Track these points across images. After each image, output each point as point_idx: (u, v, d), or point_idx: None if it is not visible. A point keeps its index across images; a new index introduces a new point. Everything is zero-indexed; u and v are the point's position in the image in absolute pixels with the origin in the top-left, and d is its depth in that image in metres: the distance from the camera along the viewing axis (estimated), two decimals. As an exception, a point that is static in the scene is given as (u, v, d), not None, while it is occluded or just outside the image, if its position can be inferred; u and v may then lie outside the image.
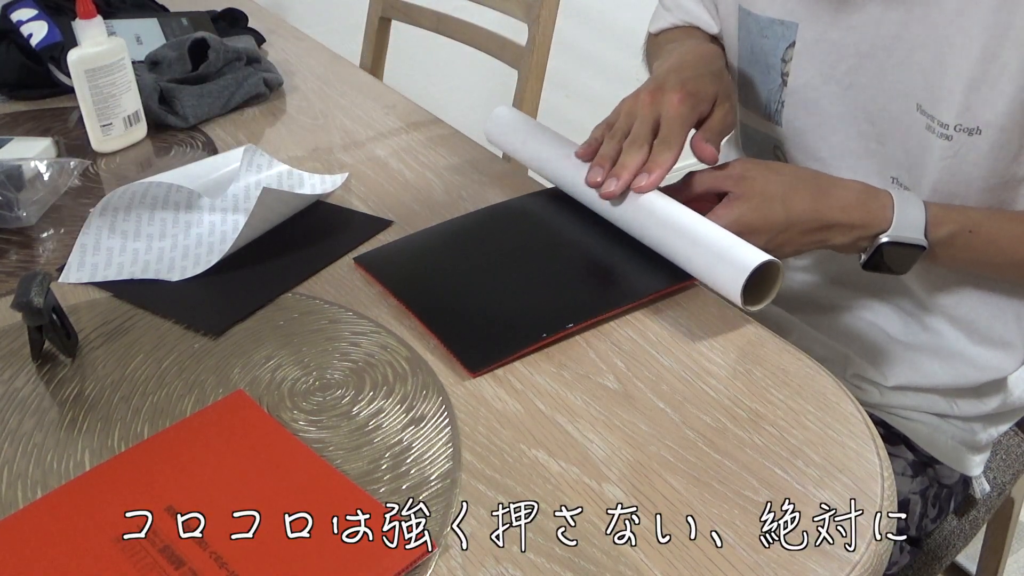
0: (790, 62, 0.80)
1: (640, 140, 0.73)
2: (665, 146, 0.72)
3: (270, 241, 0.78)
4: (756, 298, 0.66)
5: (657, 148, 0.73)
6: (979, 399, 0.84)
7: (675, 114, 0.73)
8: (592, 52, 2.06)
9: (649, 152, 0.72)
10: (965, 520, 0.94)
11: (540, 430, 0.59)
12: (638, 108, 0.75)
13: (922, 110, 0.73)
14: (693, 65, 0.79)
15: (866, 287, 0.85)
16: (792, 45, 0.79)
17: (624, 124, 0.75)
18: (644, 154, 0.72)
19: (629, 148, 0.73)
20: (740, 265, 0.64)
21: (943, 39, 0.69)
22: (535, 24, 1.31)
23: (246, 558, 0.49)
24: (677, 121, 0.73)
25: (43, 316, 0.63)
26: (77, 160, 0.88)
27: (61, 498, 0.54)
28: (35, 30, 1.09)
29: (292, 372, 0.64)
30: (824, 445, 0.57)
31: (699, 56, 0.82)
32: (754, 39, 0.83)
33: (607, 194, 0.73)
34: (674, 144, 0.73)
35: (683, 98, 0.74)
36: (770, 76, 0.82)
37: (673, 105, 0.73)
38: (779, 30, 0.80)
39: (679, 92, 0.74)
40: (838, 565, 0.49)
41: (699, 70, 0.79)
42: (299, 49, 1.25)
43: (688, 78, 0.76)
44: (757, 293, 0.66)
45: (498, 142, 0.87)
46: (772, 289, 0.66)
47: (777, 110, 0.83)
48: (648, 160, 0.72)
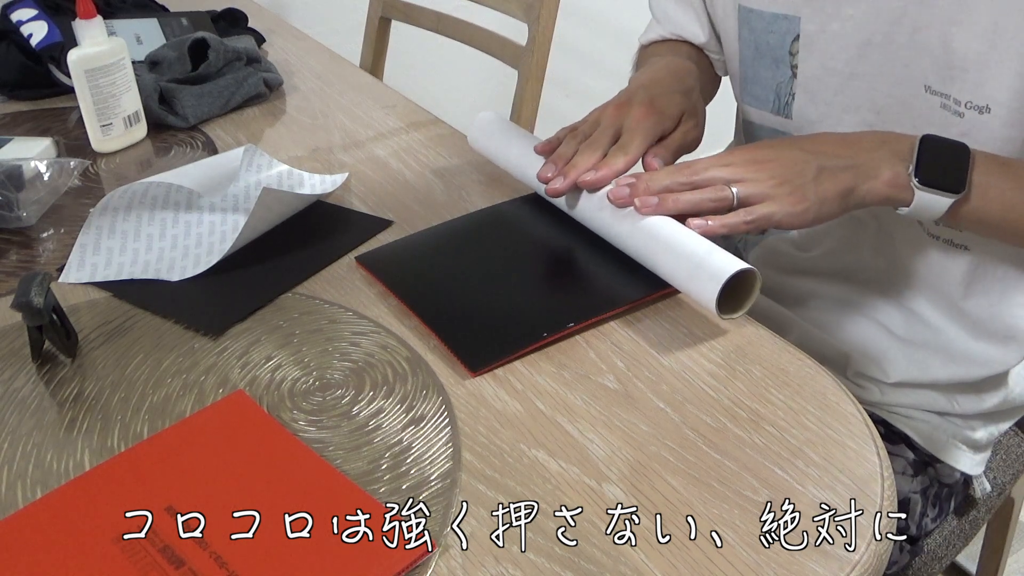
0: (797, 55, 0.80)
1: (597, 144, 0.74)
2: (621, 152, 0.74)
3: (270, 241, 0.78)
4: (733, 307, 0.65)
5: (612, 152, 0.74)
6: (979, 396, 0.84)
7: (637, 126, 0.75)
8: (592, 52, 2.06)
9: (603, 157, 0.74)
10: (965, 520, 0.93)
11: (540, 430, 0.59)
12: (603, 118, 0.76)
13: (932, 90, 0.73)
14: (664, 82, 0.81)
15: (866, 284, 0.85)
16: (797, 38, 0.80)
17: (586, 129, 0.77)
18: (597, 157, 0.73)
19: (584, 150, 0.74)
20: (715, 275, 0.63)
21: (947, 19, 0.70)
22: (535, 24, 1.31)
23: (246, 558, 0.49)
24: (638, 132, 0.74)
25: (43, 316, 0.63)
26: (77, 160, 0.88)
27: (61, 498, 0.54)
28: (35, 30, 1.09)
29: (292, 372, 0.64)
30: (824, 445, 0.57)
31: (671, 73, 0.84)
32: (759, 35, 0.83)
33: (551, 190, 0.74)
34: (630, 151, 0.73)
35: (648, 112, 0.75)
36: (779, 70, 0.83)
37: (637, 118, 0.75)
38: (783, 24, 0.80)
39: (645, 107, 0.76)
40: (838, 565, 0.49)
41: (669, 87, 0.80)
42: (299, 49, 1.25)
43: (657, 94, 0.78)
44: (734, 302, 0.65)
45: (480, 148, 0.87)
46: (749, 297, 0.65)
47: (787, 103, 0.83)
48: (600, 161, 0.73)
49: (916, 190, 0.68)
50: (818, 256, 0.86)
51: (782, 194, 0.67)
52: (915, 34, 0.72)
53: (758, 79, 0.86)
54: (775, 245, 0.89)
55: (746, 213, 0.67)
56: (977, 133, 0.71)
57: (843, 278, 0.86)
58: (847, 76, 0.77)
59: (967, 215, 0.70)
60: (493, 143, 0.85)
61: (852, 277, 0.86)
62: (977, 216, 0.70)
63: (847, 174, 0.68)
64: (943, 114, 0.73)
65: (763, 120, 0.87)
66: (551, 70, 1.33)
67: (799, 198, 0.67)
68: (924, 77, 0.73)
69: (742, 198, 0.68)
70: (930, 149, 0.68)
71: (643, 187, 0.70)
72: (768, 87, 0.85)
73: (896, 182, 0.68)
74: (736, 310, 0.65)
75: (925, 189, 0.68)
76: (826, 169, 0.68)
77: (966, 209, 0.69)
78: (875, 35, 0.74)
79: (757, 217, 0.67)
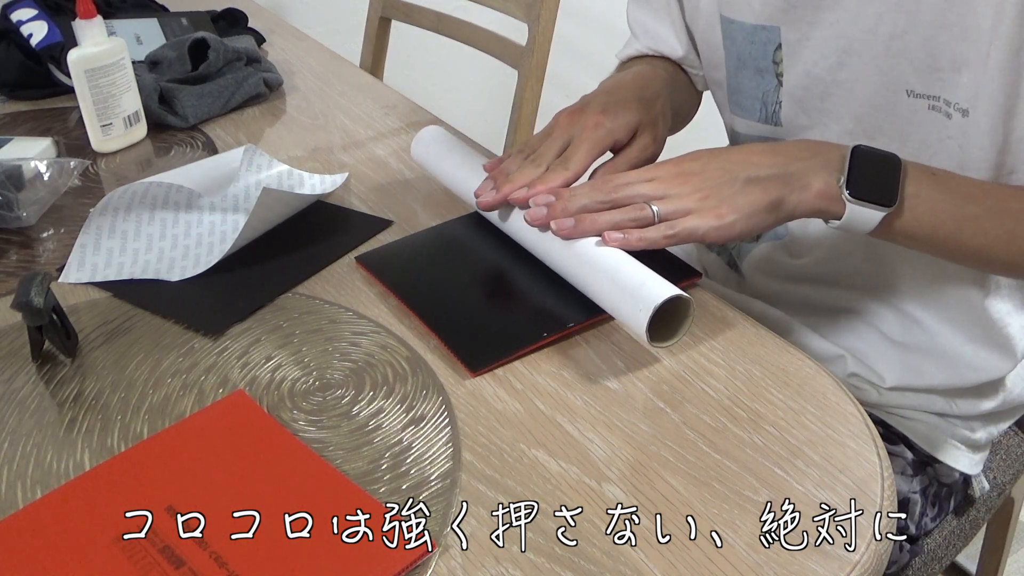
0: (781, 63, 0.80)
1: (540, 159, 0.73)
2: (561, 167, 0.72)
3: (270, 241, 0.78)
4: (666, 334, 0.64)
5: (552, 167, 0.72)
6: (978, 398, 0.84)
7: (585, 136, 0.73)
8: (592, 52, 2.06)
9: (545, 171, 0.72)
10: (965, 520, 0.93)
11: (540, 430, 0.59)
12: (555, 127, 0.75)
13: (915, 94, 0.72)
14: (625, 88, 0.79)
15: (861, 289, 0.85)
16: (780, 47, 0.79)
17: (536, 141, 0.75)
18: (537, 173, 0.72)
19: (525, 166, 0.73)
20: (645, 302, 0.61)
21: (928, 23, 0.69)
22: (535, 24, 1.31)
23: (246, 558, 0.49)
24: (584, 144, 0.73)
25: (43, 316, 0.63)
26: (77, 160, 0.88)
27: (61, 498, 0.54)
28: (35, 30, 1.09)
29: (292, 372, 0.64)
30: (824, 445, 0.57)
31: (635, 80, 0.82)
32: (740, 46, 0.82)
33: (480, 203, 0.73)
34: (571, 166, 0.72)
35: (599, 122, 0.73)
36: (765, 79, 0.82)
37: (587, 128, 0.73)
38: (763, 35, 0.80)
39: (597, 115, 0.74)
40: (838, 565, 0.49)
41: (628, 95, 0.78)
42: (299, 49, 1.25)
43: (611, 102, 0.76)
44: (666, 330, 0.63)
45: (420, 162, 0.85)
46: (683, 325, 0.63)
47: (775, 111, 0.83)
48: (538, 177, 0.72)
49: (847, 203, 0.66)
50: (811, 263, 0.86)
51: (706, 207, 0.66)
52: (892, 40, 0.71)
53: (742, 89, 0.85)
54: (768, 253, 0.89)
55: (667, 227, 0.66)
56: (961, 137, 0.71)
57: (837, 284, 0.86)
58: (830, 83, 0.77)
59: (899, 229, 0.68)
60: (432, 157, 0.83)
61: (845, 282, 0.85)
62: (909, 230, 0.68)
63: (775, 184, 0.67)
64: (932, 116, 0.72)
65: (750, 130, 0.87)
66: (551, 70, 1.33)
67: (724, 211, 0.66)
68: (905, 82, 0.72)
69: (663, 215, 0.66)
70: (861, 160, 0.66)
71: (560, 208, 0.68)
72: (754, 96, 0.84)
73: (827, 194, 0.66)
74: (670, 337, 0.64)
75: (856, 202, 0.66)
76: (753, 180, 0.67)
77: (898, 223, 0.67)
78: (854, 42, 0.74)
79: (679, 231, 0.65)
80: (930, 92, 0.71)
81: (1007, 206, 0.68)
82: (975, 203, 0.68)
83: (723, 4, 0.82)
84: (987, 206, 0.68)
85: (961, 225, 0.68)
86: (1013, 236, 0.68)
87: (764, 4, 0.78)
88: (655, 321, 0.61)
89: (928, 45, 0.70)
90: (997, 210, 0.68)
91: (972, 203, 0.68)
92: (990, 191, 0.69)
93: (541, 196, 0.70)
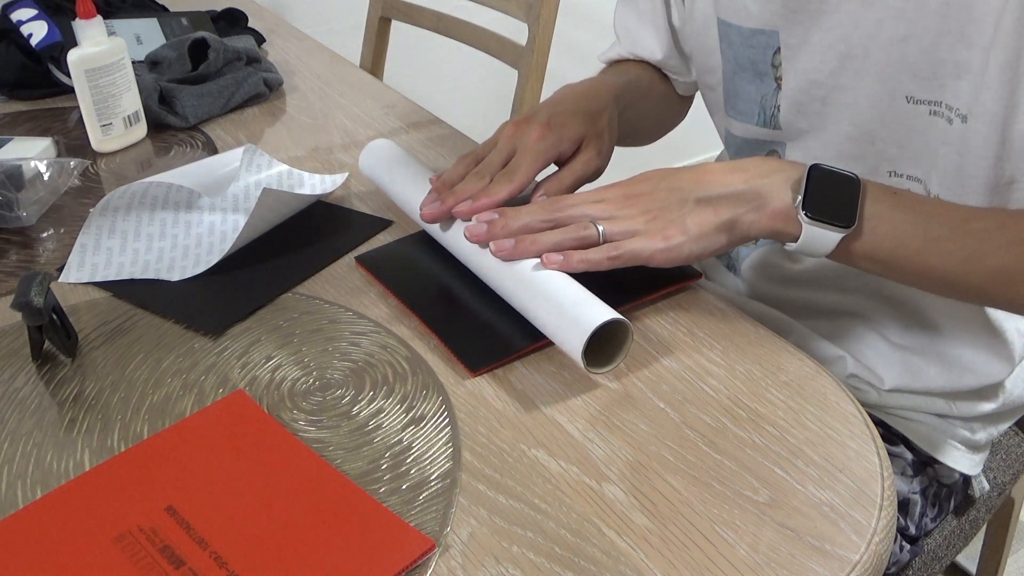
0: (780, 67, 0.80)
1: (484, 171, 0.72)
2: (505, 179, 0.71)
3: (270, 241, 0.78)
4: (606, 359, 0.62)
5: (496, 179, 0.72)
6: (978, 400, 0.84)
7: (529, 148, 0.72)
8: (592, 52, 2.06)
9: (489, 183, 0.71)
10: (965, 520, 0.94)
11: (540, 430, 0.59)
12: (500, 138, 0.74)
13: (915, 100, 0.72)
14: (570, 101, 0.78)
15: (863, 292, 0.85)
16: (778, 51, 0.79)
17: (481, 151, 0.75)
18: (481, 185, 0.71)
19: (470, 177, 0.72)
20: (583, 326, 0.59)
21: (927, 29, 0.69)
22: (535, 24, 1.31)
23: (246, 558, 0.49)
24: (528, 156, 0.72)
25: (43, 316, 0.63)
26: (77, 160, 0.88)
27: (61, 498, 0.54)
28: (35, 30, 1.09)
29: (292, 372, 0.64)
30: (824, 445, 0.57)
31: (586, 90, 0.81)
32: (738, 50, 0.82)
33: (425, 215, 0.72)
34: (515, 179, 0.71)
35: (543, 134, 0.73)
36: (763, 83, 0.82)
37: (531, 139, 0.73)
38: (762, 39, 0.79)
39: (542, 127, 0.73)
40: (838, 565, 0.49)
41: (575, 106, 0.77)
42: (299, 49, 1.25)
43: (557, 113, 0.75)
44: (606, 354, 0.62)
45: (370, 175, 0.83)
46: (622, 349, 0.62)
47: (774, 115, 0.83)
48: (482, 190, 0.71)
49: (803, 223, 0.63)
50: (809, 266, 0.86)
51: (652, 230, 0.65)
52: (893, 46, 0.71)
53: (740, 93, 0.85)
54: (767, 257, 0.89)
55: (611, 248, 0.64)
56: (960, 144, 0.70)
57: (835, 287, 0.86)
58: (830, 87, 0.76)
59: (859, 251, 0.65)
60: (380, 170, 0.81)
61: (844, 286, 0.85)
62: (869, 252, 0.65)
63: (728, 205, 0.65)
64: (933, 121, 0.72)
65: (748, 133, 0.87)
66: (551, 70, 1.33)
67: (671, 233, 0.64)
68: (905, 88, 0.72)
69: (608, 236, 0.65)
70: (819, 179, 0.64)
71: (500, 226, 0.67)
72: (752, 100, 0.84)
73: (783, 213, 0.64)
74: (609, 362, 0.62)
75: (812, 222, 0.63)
76: (704, 200, 0.65)
77: (857, 245, 0.65)
78: (854, 47, 0.73)
79: (623, 252, 0.64)
80: (931, 97, 0.71)
81: (970, 227, 0.65)
82: (938, 223, 0.65)
83: (720, 8, 0.82)
84: (951, 227, 0.65)
85: (924, 246, 0.65)
86: (978, 256, 0.65)
87: (762, 9, 0.78)
88: (594, 345, 0.60)
89: (929, 51, 0.69)
90: (961, 231, 0.65)
91: (935, 223, 0.65)
92: (952, 211, 0.67)
93: (485, 213, 0.69)
